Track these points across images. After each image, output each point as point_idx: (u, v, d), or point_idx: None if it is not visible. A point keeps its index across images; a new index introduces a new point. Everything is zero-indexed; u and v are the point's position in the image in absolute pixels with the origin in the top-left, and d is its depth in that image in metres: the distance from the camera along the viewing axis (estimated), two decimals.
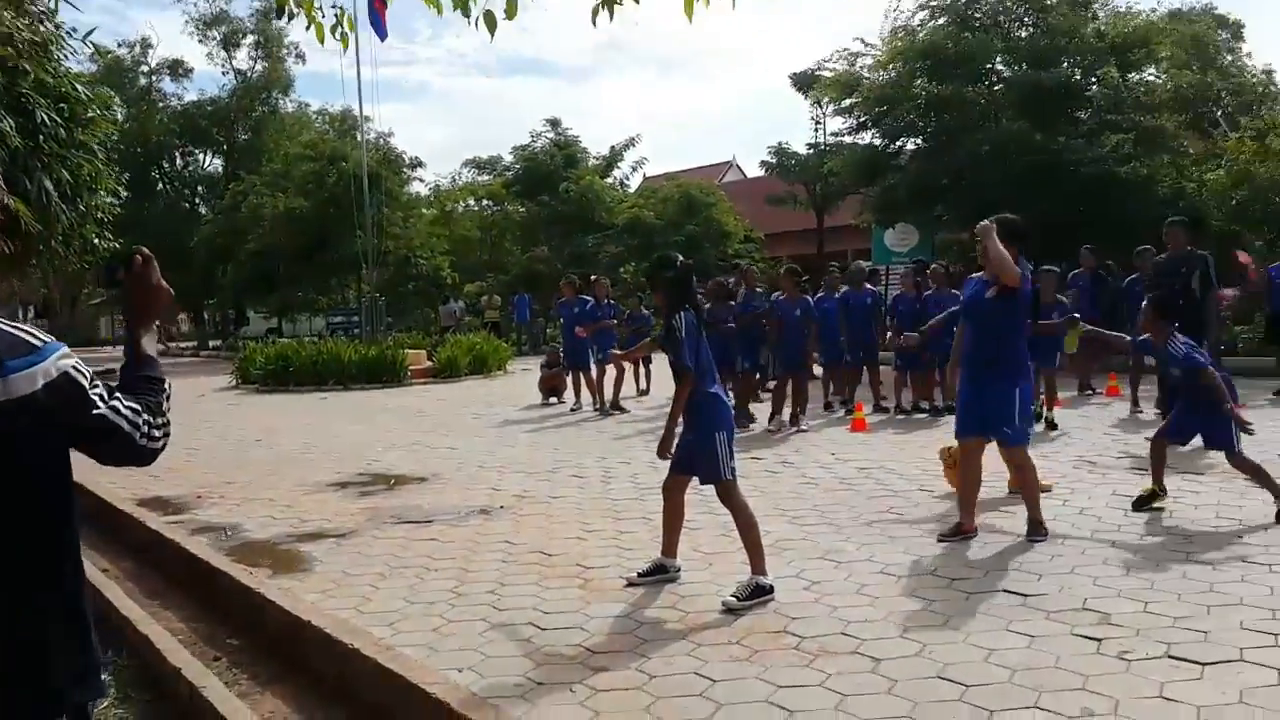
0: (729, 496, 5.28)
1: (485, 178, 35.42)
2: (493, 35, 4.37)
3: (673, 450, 5.32)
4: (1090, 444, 9.31)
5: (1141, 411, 10.86)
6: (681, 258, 5.60)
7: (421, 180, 36.38)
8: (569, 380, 14.62)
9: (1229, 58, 26.43)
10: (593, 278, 15.43)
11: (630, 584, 5.40)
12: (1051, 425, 9.97)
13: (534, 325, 30.60)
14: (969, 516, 6.09)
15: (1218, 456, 6.99)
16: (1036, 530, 5.91)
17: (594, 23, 4.34)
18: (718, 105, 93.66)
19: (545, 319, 32.89)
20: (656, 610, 5.01)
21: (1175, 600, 4.75)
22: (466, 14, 4.29)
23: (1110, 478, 7.73)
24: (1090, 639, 4.32)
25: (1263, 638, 4.20)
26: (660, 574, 5.47)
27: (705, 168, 47.19)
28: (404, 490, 8.52)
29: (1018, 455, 5.97)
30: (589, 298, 14.43)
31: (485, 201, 35.83)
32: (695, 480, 5.43)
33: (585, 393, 14.05)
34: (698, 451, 5.24)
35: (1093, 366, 13.11)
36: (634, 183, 37.94)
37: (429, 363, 19.96)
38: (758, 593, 5.02)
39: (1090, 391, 12.97)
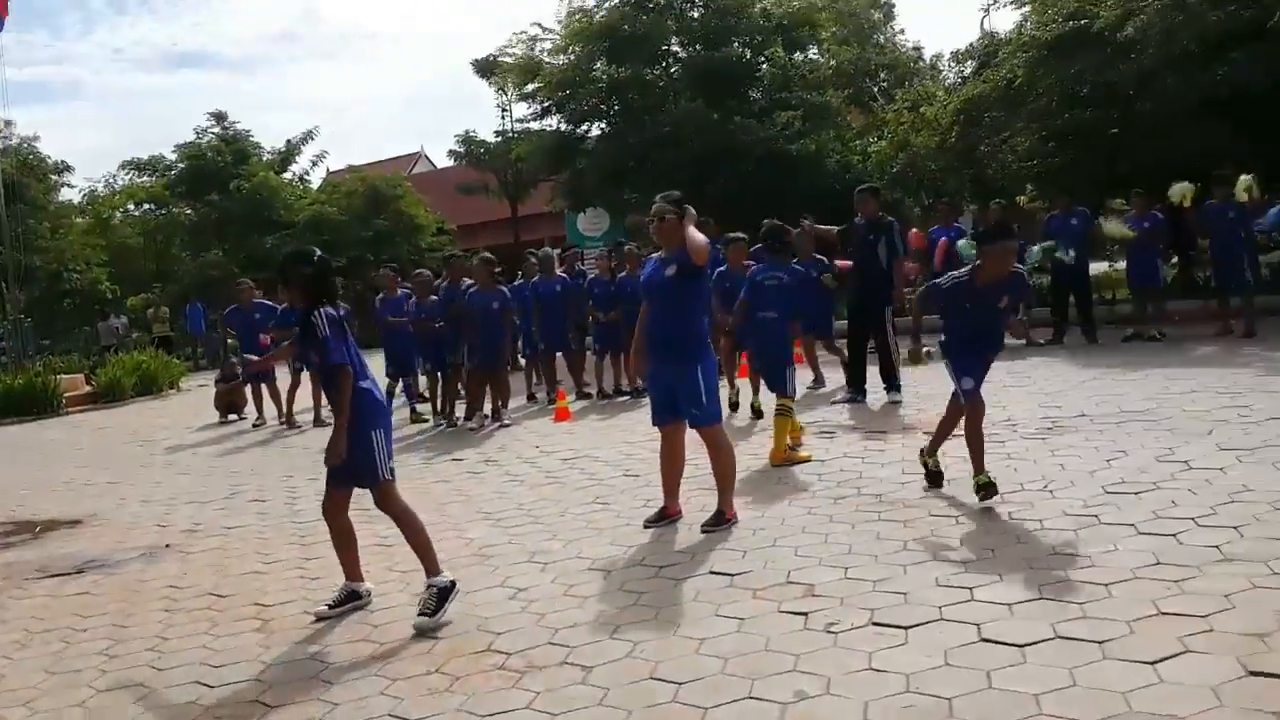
0: (387, 500, 4.87)
1: (146, 179, 32.44)
2: None
3: (344, 453, 4.80)
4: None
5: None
6: (319, 252, 5.14)
7: (71, 186, 32.65)
8: (249, 393, 13.31)
9: (883, 36, 28.58)
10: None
11: (319, 618, 4.86)
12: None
13: (211, 336, 28.41)
14: (672, 500, 5.97)
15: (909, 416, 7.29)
16: (719, 520, 5.69)
17: None
18: (404, 95, 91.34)
19: (222, 328, 30.71)
20: (346, 644, 4.51)
21: (873, 563, 4.79)
22: None
23: (802, 443, 7.87)
24: (797, 614, 4.25)
25: (958, 593, 4.26)
26: (352, 601, 4.96)
27: (393, 159, 45.83)
28: (52, 538, 7.42)
29: (710, 435, 5.84)
30: (270, 302, 13.25)
31: (147, 206, 32.86)
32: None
33: (270, 405, 12.93)
34: (353, 452, 4.77)
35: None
36: (316, 178, 36.11)
37: (88, 387, 17.87)
38: (443, 597, 4.67)
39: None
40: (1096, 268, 14.36)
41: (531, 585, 5.04)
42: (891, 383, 9.47)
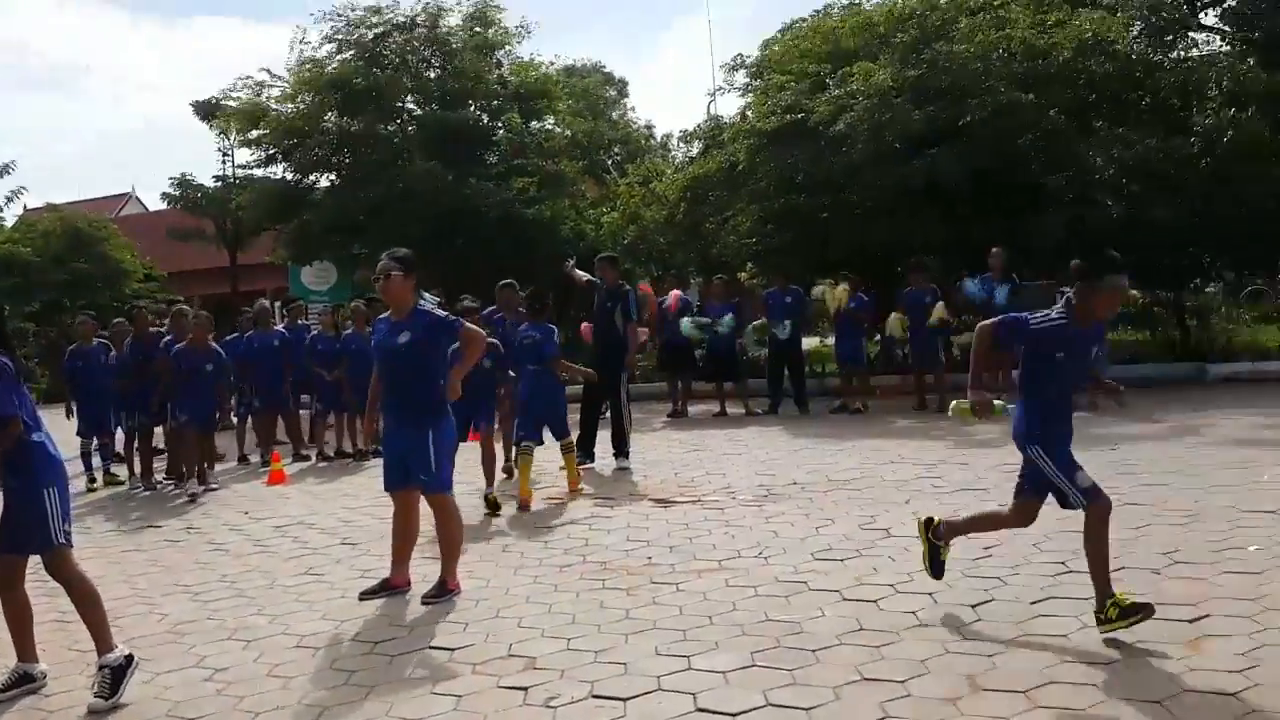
0: (60, 567, 4.42)
1: None
2: None
3: None
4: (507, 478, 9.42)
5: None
6: None
7: None
8: None
9: (616, 112, 29.57)
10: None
11: None
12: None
13: None
14: (400, 569, 5.72)
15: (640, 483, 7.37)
16: (442, 591, 5.49)
17: None
18: (115, 131, 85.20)
19: None
20: None
21: (596, 633, 4.76)
22: None
23: (522, 514, 7.79)
24: (517, 689, 4.15)
25: (677, 661, 4.30)
26: (24, 685, 4.42)
27: (99, 199, 42.43)
28: None
29: (438, 502, 5.65)
30: None
31: None
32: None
33: None
34: (19, 514, 4.29)
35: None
36: (10, 215, 32.85)
37: None
38: (118, 676, 4.29)
39: None
40: (808, 343, 15.27)
41: (232, 665, 4.66)
42: (621, 449, 9.55)
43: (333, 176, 21.27)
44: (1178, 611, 4.44)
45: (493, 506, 7.73)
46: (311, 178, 21.40)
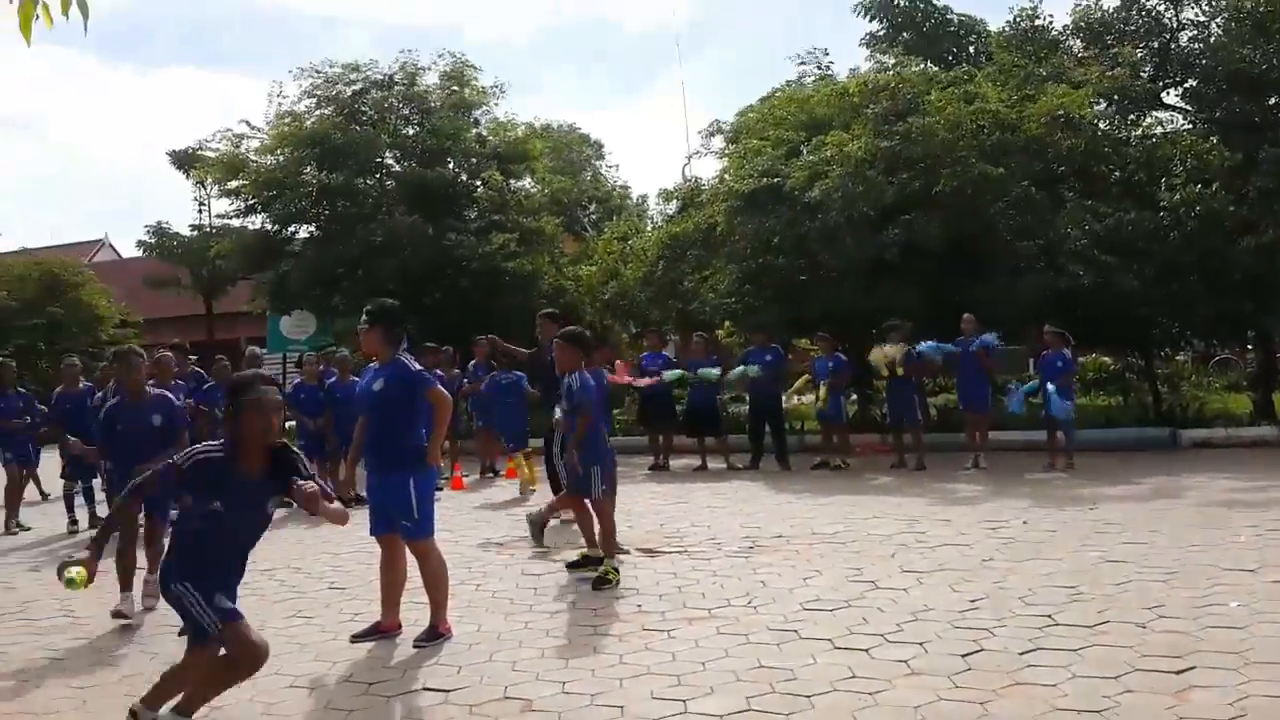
0: None
1: None
2: None
3: None
4: (495, 525, 9.47)
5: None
6: None
7: None
8: None
9: (590, 172, 29.95)
10: None
11: None
12: None
13: None
14: (390, 612, 5.74)
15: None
16: (433, 635, 5.53)
17: None
18: (87, 177, 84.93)
19: None
20: None
21: (590, 676, 4.80)
22: None
23: (518, 558, 7.85)
24: None
25: (673, 705, 4.35)
26: None
27: (72, 245, 42.25)
28: None
29: (419, 548, 5.68)
30: None
31: None
32: None
33: None
34: None
35: (495, 449, 13.49)
36: None
37: None
38: None
39: (493, 474, 13.38)
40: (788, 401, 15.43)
41: (226, 704, 4.64)
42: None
43: (311, 228, 21.34)
44: (1165, 663, 4.55)
45: (595, 572, 6.79)
46: (291, 229, 21.47)
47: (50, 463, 11.61)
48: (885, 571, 6.66)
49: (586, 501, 7.02)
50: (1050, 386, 11.36)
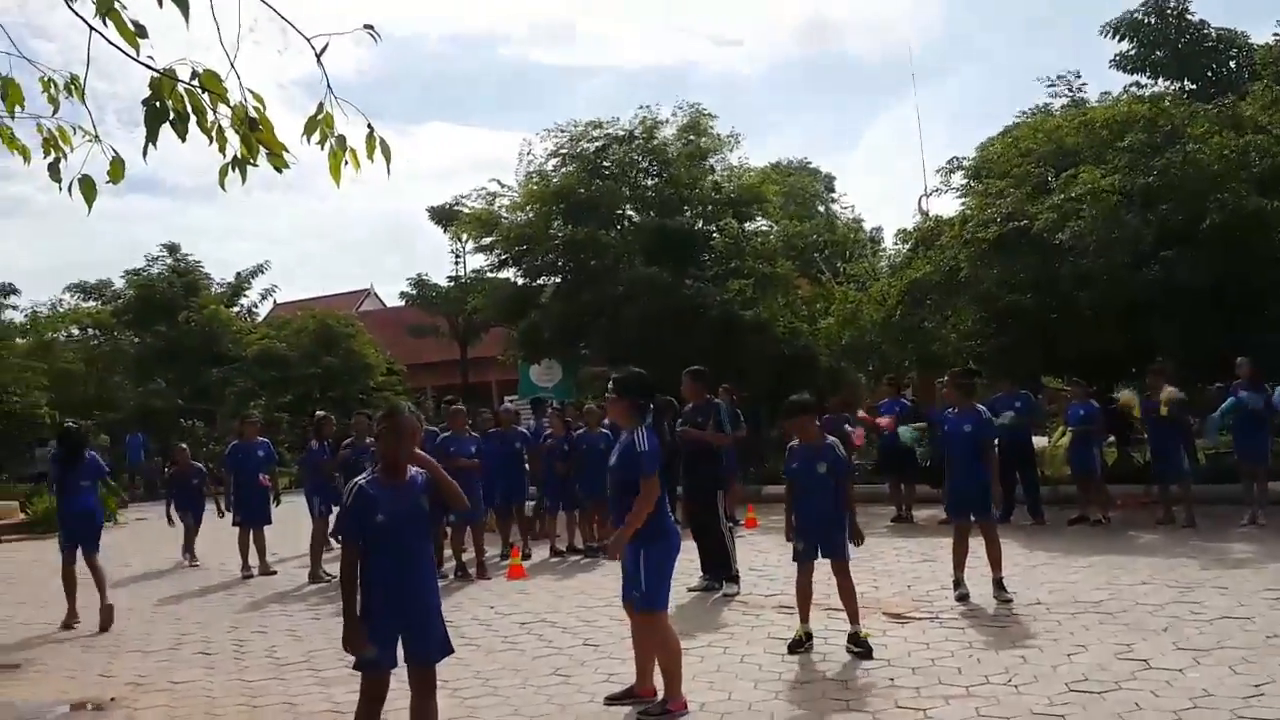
0: None
1: (92, 304, 32.18)
2: (90, 206, 3.81)
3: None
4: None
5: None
6: None
7: (15, 308, 32.04)
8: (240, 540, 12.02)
9: (823, 208, 29.80)
10: (318, 414, 13.21)
11: None
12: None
13: (149, 467, 27.78)
14: (644, 679, 5.84)
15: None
16: (661, 710, 5.55)
17: (222, 186, 3.78)
18: (351, 231, 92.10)
19: (164, 461, 29.99)
20: None
21: None
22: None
23: (763, 618, 7.89)
24: None
25: None
26: None
27: (341, 295, 45.99)
28: None
29: (643, 621, 5.72)
30: (265, 439, 12.75)
31: (91, 330, 32.49)
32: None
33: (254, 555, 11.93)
34: None
35: (733, 499, 13.59)
36: (263, 311, 36.09)
37: (22, 515, 17.31)
38: None
39: (733, 524, 13.46)
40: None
41: None
42: (724, 572, 9.09)
43: (558, 279, 22.31)
44: None
45: (862, 646, 6.67)
46: (540, 280, 22.53)
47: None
48: (1158, 648, 6.27)
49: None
50: None
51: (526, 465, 12.46)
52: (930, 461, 13.40)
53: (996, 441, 11.02)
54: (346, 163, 3.64)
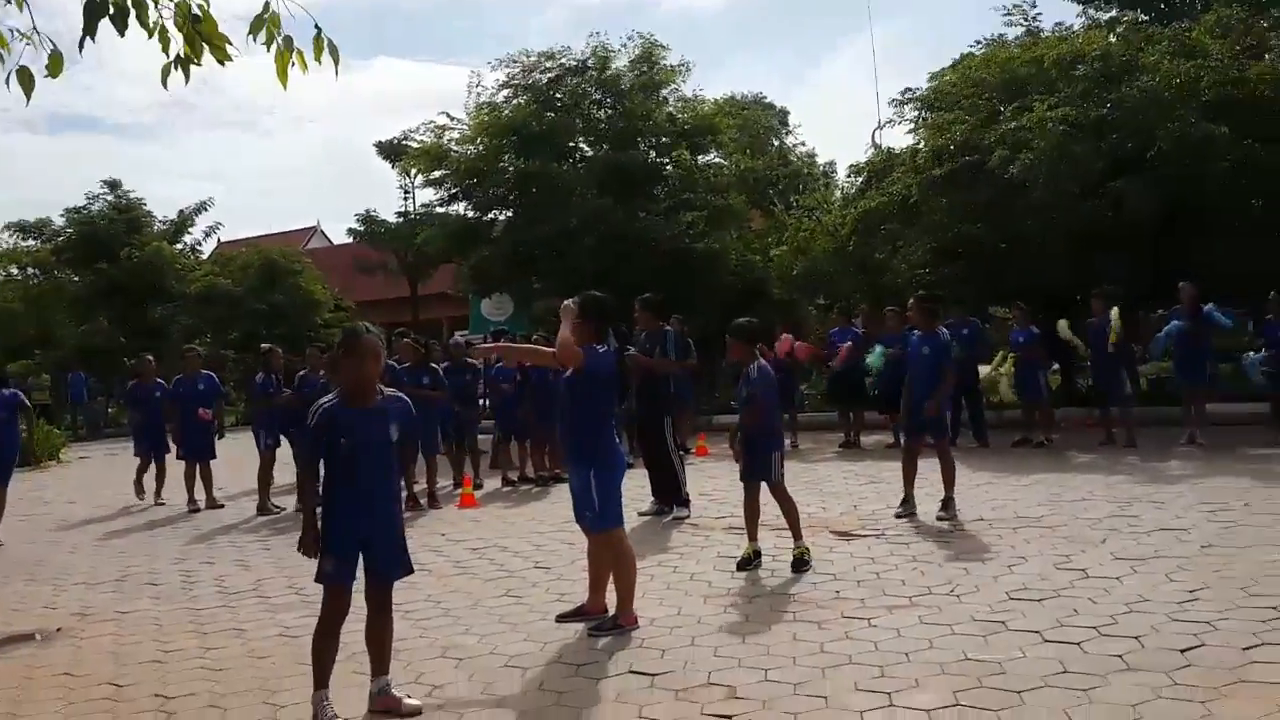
0: None
1: (31, 242, 31.30)
2: (29, 96, 3.69)
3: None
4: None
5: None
6: None
7: None
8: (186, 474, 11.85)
9: (777, 142, 29.66)
10: (265, 347, 12.69)
11: None
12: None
13: (92, 407, 27.33)
14: (596, 595, 5.90)
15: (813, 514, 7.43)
16: (612, 625, 5.61)
17: (164, 84, 3.68)
18: (297, 169, 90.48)
19: (107, 398, 29.56)
20: None
21: (791, 665, 4.86)
22: None
23: (713, 539, 7.97)
24: (721, 717, 4.28)
25: (878, 698, 4.35)
26: None
27: (288, 233, 45.20)
28: None
29: (602, 539, 5.77)
30: (209, 373, 12.48)
31: (31, 270, 31.66)
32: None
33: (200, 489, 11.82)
34: None
35: (686, 428, 13.66)
36: (207, 249, 35.36)
37: None
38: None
39: (685, 451, 13.54)
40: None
41: (447, 682, 4.97)
42: (675, 499, 9.14)
43: (509, 213, 22.07)
44: None
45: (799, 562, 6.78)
46: (491, 214, 22.28)
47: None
48: (1096, 559, 6.42)
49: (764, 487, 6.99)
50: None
51: (484, 401, 12.45)
52: (877, 390, 13.56)
53: None
54: (293, 64, 3.52)
